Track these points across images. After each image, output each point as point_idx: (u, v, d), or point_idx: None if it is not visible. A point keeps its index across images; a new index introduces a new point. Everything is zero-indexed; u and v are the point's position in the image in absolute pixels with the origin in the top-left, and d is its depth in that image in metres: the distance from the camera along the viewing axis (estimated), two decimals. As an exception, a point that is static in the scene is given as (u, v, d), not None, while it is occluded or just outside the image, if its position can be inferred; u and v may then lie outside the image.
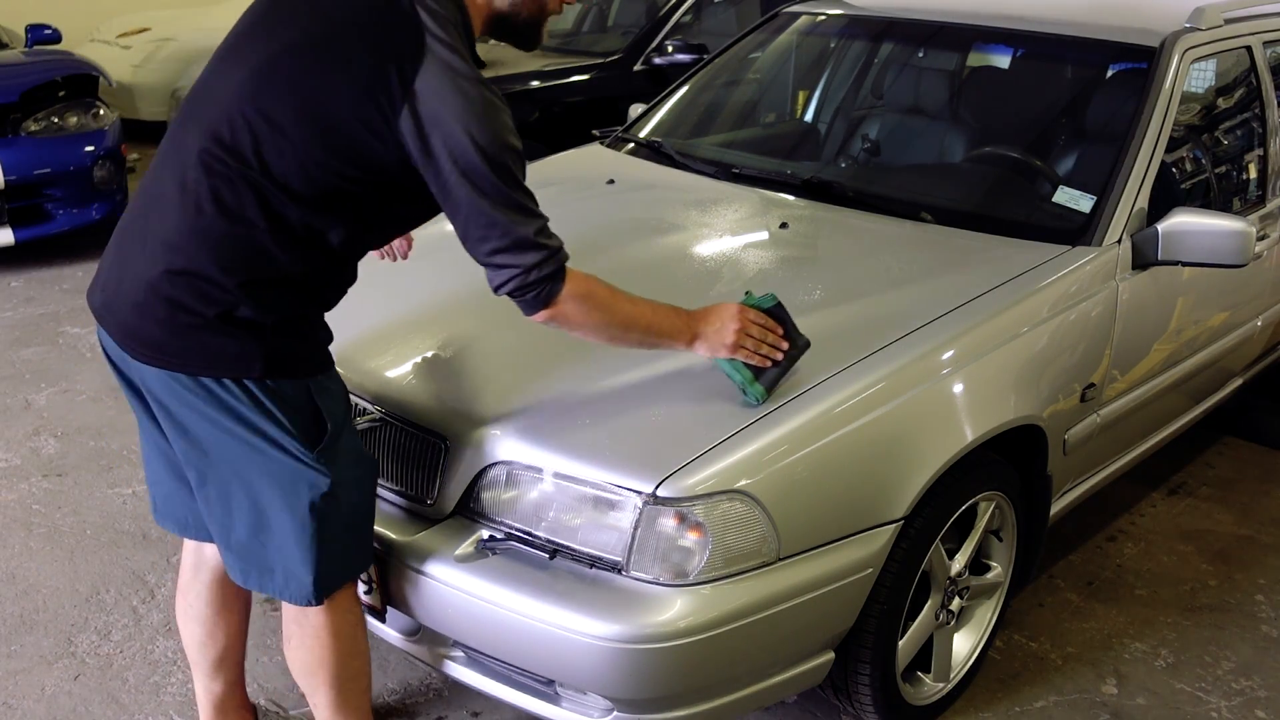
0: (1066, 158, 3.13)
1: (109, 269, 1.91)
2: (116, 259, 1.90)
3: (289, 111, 1.77)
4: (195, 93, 1.91)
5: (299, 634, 2.04)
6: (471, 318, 2.45)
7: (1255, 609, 3.03)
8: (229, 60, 1.88)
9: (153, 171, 1.91)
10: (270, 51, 1.82)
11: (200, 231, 1.79)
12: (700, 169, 3.23)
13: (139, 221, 1.88)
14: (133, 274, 1.84)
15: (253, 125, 1.78)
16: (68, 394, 4.13)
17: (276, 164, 1.77)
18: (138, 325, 1.83)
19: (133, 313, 1.83)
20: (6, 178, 5.29)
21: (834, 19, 3.72)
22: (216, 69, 1.90)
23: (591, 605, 1.93)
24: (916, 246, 2.74)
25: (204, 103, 1.86)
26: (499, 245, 1.79)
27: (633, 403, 2.13)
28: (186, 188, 1.80)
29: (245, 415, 1.82)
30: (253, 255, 1.79)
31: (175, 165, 1.84)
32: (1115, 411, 2.81)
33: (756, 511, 1.97)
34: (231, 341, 1.79)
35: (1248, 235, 2.62)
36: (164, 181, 1.85)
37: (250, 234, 1.79)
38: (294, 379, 1.85)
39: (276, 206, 1.78)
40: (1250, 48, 3.32)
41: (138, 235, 1.87)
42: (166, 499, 2.10)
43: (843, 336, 2.28)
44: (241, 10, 1.95)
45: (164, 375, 1.83)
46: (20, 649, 2.74)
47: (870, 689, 2.30)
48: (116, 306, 1.87)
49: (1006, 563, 2.62)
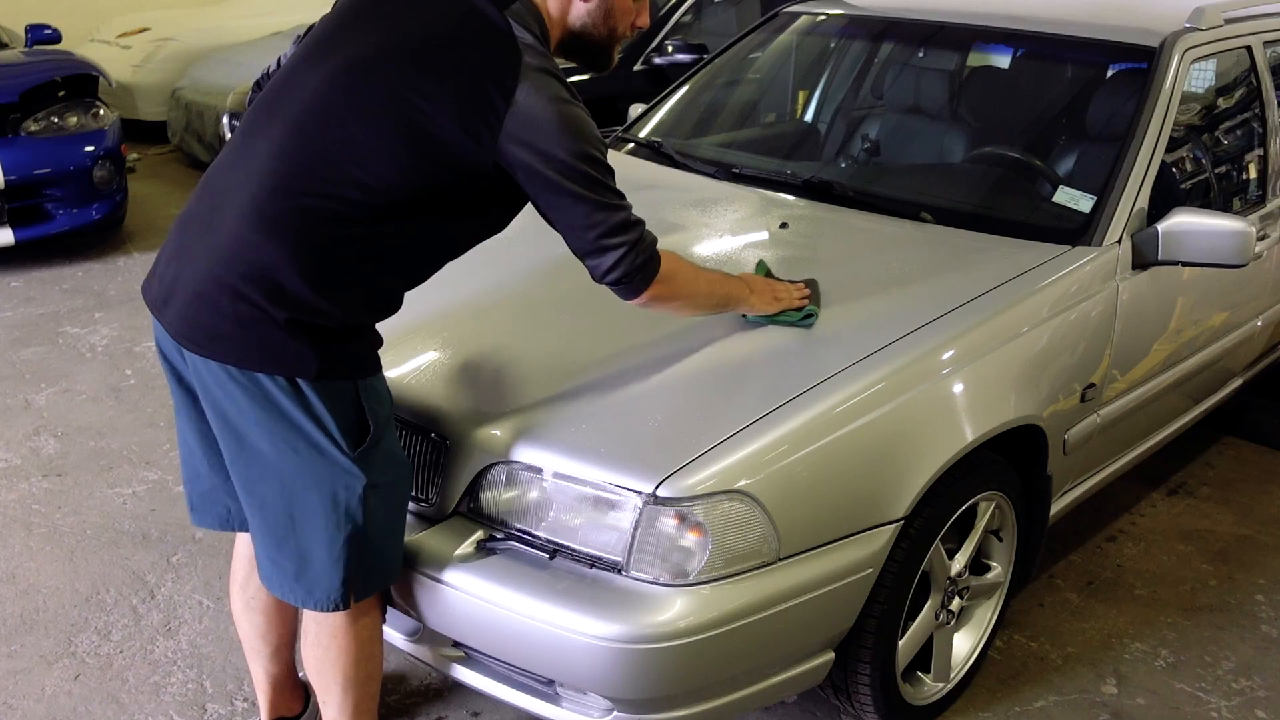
0: (1066, 158, 3.13)
1: (169, 260, 1.91)
2: (179, 250, 1.90)
3: (385, 115, 1.81)
4: (275, 89, 1.93)
5: (315, 632, 2.04)
6: (471, 318, 2.45)
7: (1255, 609, 3.03)
8: (315, 59, 1.91)
9: (224, 165, 1.92)
10: (364, 54, 1.86)
11: (278, 231, 1.80)
12: (700, 169, 3.23)
13: (207, 215, 1.88)
14: (198, 267, 1.84)
15: (343, 125, 1.81)
16: (68, 394, 4.13)
17: (364, 165, 1.80)
18: (199, 316, 1.83)
19: (194, 303, 1.83)
20: (6, 178, 5.29)
21: (834, 19, 3.72)
22: (299, 66, 1.93)
23: (591, 605, 1.93)
24: (916, 246, 2.74)
25: (286, 100, 1.88)
26: (604, 229, 1.90)
27: (633, 403, 2.13)
28: (263, 185, 1.82)
29: (290, 415, 1.83)
30: (329, 257, 1.81)
31: (251, 161, 1.86)
32: (1115, 411, 2.81)
33: (756, 511, 1.97)
34: (291, 341, 1.80)
35: (1248, 235, 2.62)
36: (237, 176, 1.86)
37: (329, 235, 1.81)
38: (346, 380, 1.87)
39: (359, 209, 1.81)
40: (1250, 48, 3.32)
41: (204, 228, 1.87)
42: (204, 496, 2.10)
43: (842, 336, 2.29)
44: (242, 10, 1.96)
45: (217, 368, 1.83)
46: (20, 649, 2.74)
47: (870, 689, 2.30)
48: (177, 297, 1.87)
49: (1006, 563, 2.62)
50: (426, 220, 1.89)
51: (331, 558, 1.90)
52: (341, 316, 1.84)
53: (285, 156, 1.83)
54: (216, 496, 2.09)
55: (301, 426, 1.84)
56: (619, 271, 1.94)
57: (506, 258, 2.63)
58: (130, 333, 4.72)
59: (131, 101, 7.85)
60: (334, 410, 1.85)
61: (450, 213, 1.91)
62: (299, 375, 1.82)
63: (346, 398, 1.87)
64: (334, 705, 2.10)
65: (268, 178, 1.82)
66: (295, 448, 1.85)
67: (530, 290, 2.54)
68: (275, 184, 1.82)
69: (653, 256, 1.97)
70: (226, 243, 1.82)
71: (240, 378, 1.82)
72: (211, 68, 7.31)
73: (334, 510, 1.88)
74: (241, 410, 1.85)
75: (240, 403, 1.84)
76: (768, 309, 2.29)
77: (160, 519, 3.30)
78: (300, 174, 1.82)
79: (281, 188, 1.81)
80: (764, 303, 2.28)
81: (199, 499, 2.12)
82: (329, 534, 1.89)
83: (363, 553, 1.92)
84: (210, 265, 1.83)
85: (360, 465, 1.87)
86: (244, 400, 1.83)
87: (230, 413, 1.87)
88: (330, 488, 1.87)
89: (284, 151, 1.83)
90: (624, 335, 2.32)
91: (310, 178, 1.81)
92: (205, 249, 1.85)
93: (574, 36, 2.00)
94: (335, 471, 1.86)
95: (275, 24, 7.98)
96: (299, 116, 1.85)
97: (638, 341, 2.30)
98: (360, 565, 1.93)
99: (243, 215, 1.82)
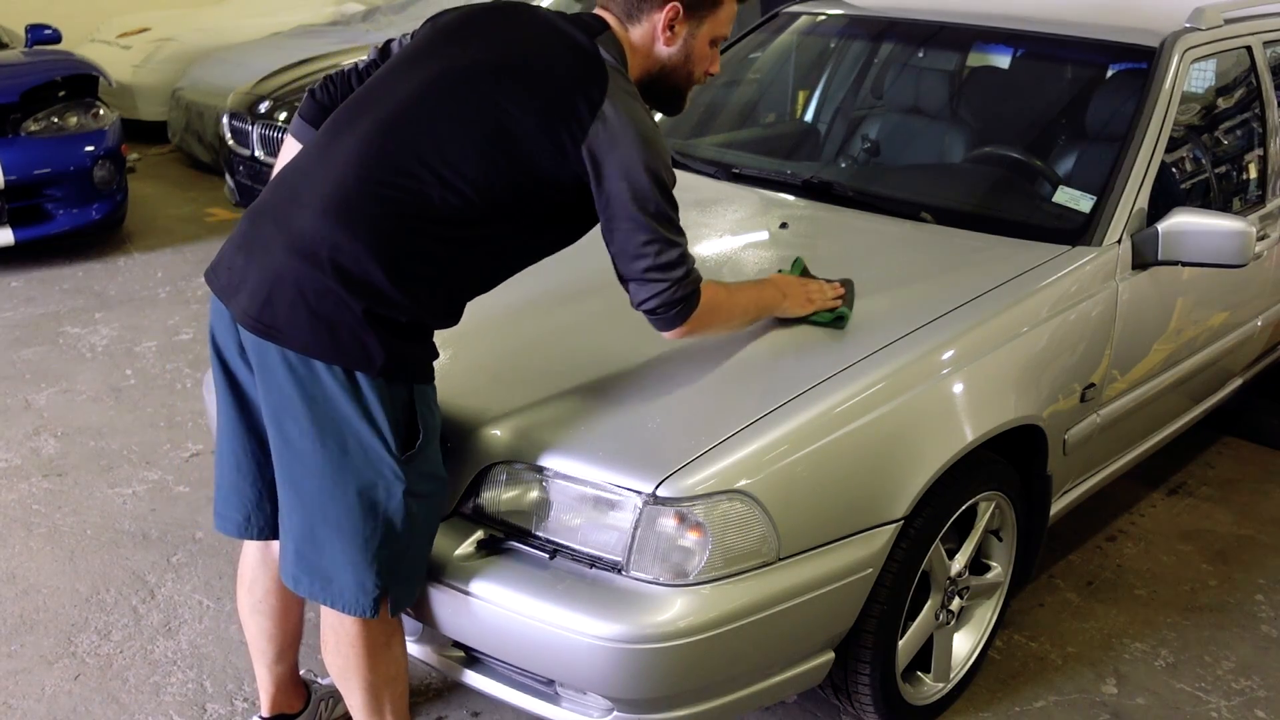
0: (1066, 158, 3.13)
1: (238, 250, 1.93)
2: (252, 240, 1.92)
3: (475, 118, 1.89)
4: (364, 95, 2.00)
5: (334, 639, 2.05)
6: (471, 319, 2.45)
7: (1255, 609, 3.03)
8: (409, 68, 2.00)
9: (305, 162, 1.96)
10: (460, 64, 1.95)
11: (360, 221, 1.84)
12: (700, 169, 3.23)
13: (285, 206, 1.91)
14: (274, 255, 1.86)
15: (433, 125, 1.88)
16: (68, 394, 4.13)
17: (450, 164, 1.86)
18: (270, 302, 1.84)
19: (269, 289, 1.85)
20: (6, 178, 5.29)
21: (834, 19, 3.72)
22: (392, 74, 2.01)
23: (591, 605, 1.93)
24: (916, 246, 2.75)
25: (377, 103, 1.95)
26: (653, 262, 1.95)
27: (633, 403, 2.13)
28: (348, 176, 1.86)
29: (344, 410, 1.84)
30: (407, 250, 1.86)
31: (335, 155, 1.90)
32: (1115, 411, 2.81)
33: (756, 511, 1.97)
34: (361, 332, 1.83)
35: (1248, 235, 2.62)
36: (319, 170, 1.91)
37: (409, 230, 1.85)
38: (404, 383, 1.89)
39: (441, 208, 1.86)
40: (1250, 48, 3.32)
41: (282, 218, 1.89)
42: (226, 499, 2.11)
43: (843, 336, 2.29)
44: (242, 10, 1.98)
45: (277, 356, 1.85)
46: (20, 649, 2.75)
47: (870, 689, 2.31)
48: (249, 283, 1.88)
49: (1006, 563, 2.62)
50: (503, 226, 1.94)
51: (365, 560, 1.90)
52: (414, 312, 1.87)
53: (372, 150, 1.89)
54: (238, 501, 2.10)
55: (352, 422, 1.85)
56: (656, 303, 1.98)
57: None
58: (130, 333, 4.72)
59: (131, 101, 7.84)
60: (388, 411, 1.86)
61: (527, 221, 1.97)
62: (362, 369, 1.83)
63: (401, 400, 1.89)
64: (359, 707, 2.10)
65: (353, 169, 1.88)
66: (344, 444, 1.86)
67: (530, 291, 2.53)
68: (361, 174, 1.87)
69: (693, 294, 2.00)
70: (307, 231, 1.85)
71: (300, 367, 1.84)
72: (211, 68, 7.31)
73: (373, 511, 1.88)
74: (296, 401, 1.86)
75: (295, 393, 1.85)
76: (801, 312, 2.30)
77: (160, 519, 3.30)
78: (386, 167, 1.87)
79: (367, 179, 1.86)
80: (797, 306, 2.30)
81: (222, 504, 2.13)
82: (365, 535, 1.89)
83: (396, 560, 1.93)
84: (288, 253, 1.85)
85: (404, 469, 1.88)
86: (299, 391, 1.85)
87: (284, 403, 1.88)
88: (372, 487, 1.88)
89: (371, 146, 1.89)
90: (624, 335, 2.32)
91: (396, 171, 1.87)
92: (282, 239, 1.87)
93: (651, 77, 2.07)
94: (380, 471, 1.87)
95: (275, 24, 7.99)
96: (389, 116, 1.92)
97: (638, 342, 2.30)
98: (393, 574, 1.93)
99: (325, 205, 1.86)
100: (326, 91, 2.16)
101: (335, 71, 2.19)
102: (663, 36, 2.03)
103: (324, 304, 1.82)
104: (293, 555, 1.97)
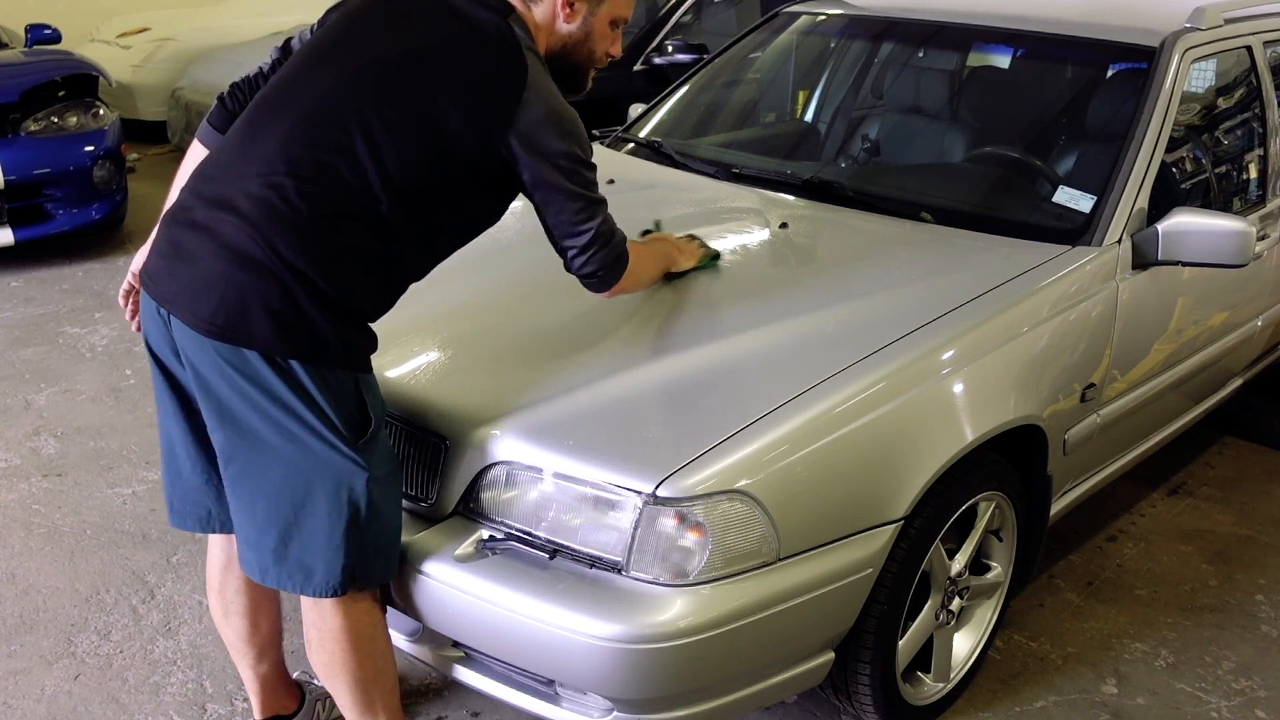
0: (1066, 158, 3.13)
1: (164, 256, 1.93)
2: (181, 247, 1.91)
3: (403, 110, 1.91)
4: (278, 91, 2.01)
5: (318, 637, 2.05)
6: (470, 319, 2.45)
7: (1255, 609, 3.03)
8: (323, 63, 2.01)
9: (221, 161, 1.97)
10: (380, 56, 1.96)
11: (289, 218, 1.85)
12: (700, 169, 3.23)
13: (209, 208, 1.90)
14: (209, 263, 1.86)
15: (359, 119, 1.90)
16: (68, 394, 4.13)
17: (381, 163, 1.89)
18: (204, 296, 1.85)
19: (200, 285, 1.85)
20: (6, 178, 5.29)
21: (834, 19, 3.72)
22: (305, 69, 2.01)
23: (592, 605, 1.93)
24: (916, 246, 2.74)
25: (294, 99, 1.96)
26: (593, 231, 2.05)
27: (633, 403, 2.13)
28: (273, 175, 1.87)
29: (291, 403, 1.86)
30: (341, 249, 1.88)
31: (255, 153, 1.91)
32: (1115, 411, 2.81)
33: (756, 511, 1.97)
34: (301, 324, 1.85)
35: (1248, 235, 2.62)
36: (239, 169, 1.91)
37: (340, 229, 1.88)
38: (348, 371, 1.92)
39: (371, 203, 1.89)
40: (1250, 48, 3.32)
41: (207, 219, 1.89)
42: (184, 496, 2.11)
43: (843, 336, 2.29)
44: (242, 10, 1.98)
45: (214, 353, 1.85)
46: (20, 649, 2.74)
47: (870, 689, 2.30)
48: (179, 278, 1.88)
49: (1006, 563, 2.62)
50: (432, 214, 1.97)
51: (333, 544, 1.92)
52: (354, 303, 1.90)
53: (295, 148, 1.89)
54: (198, 498, 2.10)
55: (302, 415, 1.86)
56: (596, 266, 2.09)
57: (506, 259, 2.63)
58: (130, 333, 4.71)
59: (131, 101, 7.85)
60: (334, 401, 1.88)
61: (454, 206, 2.00)
62: (306, 359, 1.85)
63: (348, 389, 1.92)
64: (348, 704, 2.10)
65: (278, 167, 1.88)
66: (296, 435, 1.87)
67: (530, 291, 2.53)
68: (287, 172, 1.87)
69: (624, 254, 2.13)
70: (240, 234, 1.85)
71: (241, 363, 1.84)
72: (211, 68, 7.31)
73: (338, 499, 1.90)
74: (243, 397, 1.86)
75: (242, 389, 1.86)
76: (689, 264, 2.51)
77: (160, 519, 3.30)
78: (311, 164, 1.88)
79: (293, 176, 1.87)
80: (688, 259, 2.51)
81: (179, 500, 2.13)
82: (331, 521, 1.91)
83: (363, 539, 1.94)
84: (223, 258, 1.85)
85: (363, 456, 1.91)
86: (247, 386, 1.85)
87: (229, 400, 1.88)
88: (335, 477, 1.89)
89: (294, 143, 1.90)
90: (624, 335, 2.32)
91: (321, 167, 1.88)
92: (212, 244, 1.87)
93: (554, 54, 2.10)
94: (339, 460, 1.89)
95: (275, 24, 7.98)
96: (310, 114, 1.93)
97: (638, 342, 2.31)
98: (360, 552, 1.95)
99: (252, 206, 1.86)
100: (235, 100, 2.16)
101: (242, 78, 2.19)
102: (563, 13, 2.06)
103: (262, 299, 1.83)
104: (253, 548, 1.97)
